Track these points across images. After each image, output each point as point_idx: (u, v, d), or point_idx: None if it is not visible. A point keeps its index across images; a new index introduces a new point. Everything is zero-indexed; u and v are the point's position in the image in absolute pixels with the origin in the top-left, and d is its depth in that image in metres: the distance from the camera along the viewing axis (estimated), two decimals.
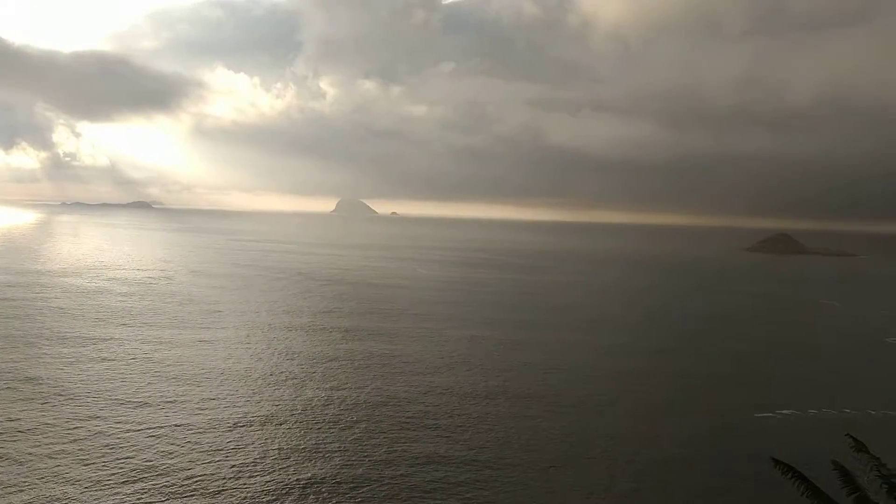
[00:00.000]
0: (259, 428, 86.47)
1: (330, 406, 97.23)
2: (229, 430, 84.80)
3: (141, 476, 69.82)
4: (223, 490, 68.01)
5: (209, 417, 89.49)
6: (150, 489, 67.23)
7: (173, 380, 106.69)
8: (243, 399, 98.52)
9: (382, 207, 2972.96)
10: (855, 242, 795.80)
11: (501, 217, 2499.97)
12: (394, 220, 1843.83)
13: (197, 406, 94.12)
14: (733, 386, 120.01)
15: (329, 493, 68.73)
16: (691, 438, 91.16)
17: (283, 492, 68.51)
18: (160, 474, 70.50)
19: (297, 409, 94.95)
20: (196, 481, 69.41)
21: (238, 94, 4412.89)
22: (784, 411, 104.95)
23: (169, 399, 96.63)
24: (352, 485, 70.91)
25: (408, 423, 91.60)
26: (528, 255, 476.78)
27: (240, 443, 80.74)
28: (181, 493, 66.73)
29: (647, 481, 76.54)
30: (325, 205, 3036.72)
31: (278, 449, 79.65)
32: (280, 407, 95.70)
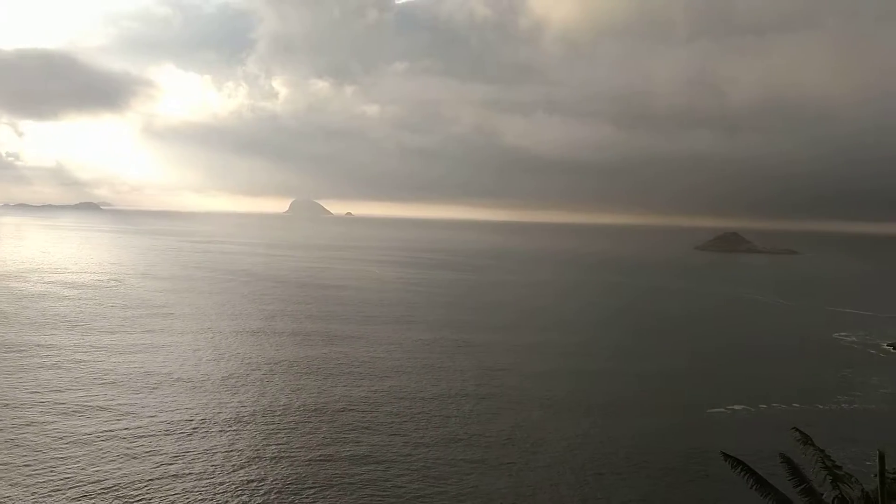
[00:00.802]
0: (210, 433, 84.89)
1: (282, 410, 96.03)
2: (183, 436, 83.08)
3: (89, 484, 67.97)
4: (172, 495, 66.60)
5: (160, 424, 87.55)
6: (98, 497, 65.49)
7: (122, 386, 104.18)
8: (195, 405, 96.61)
9: (337, 208, 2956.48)
10: (800, 240, 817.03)
11: (458, 217, 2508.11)
12: (349, 220, 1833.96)
13: (148, 413, 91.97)
14: (685, 383, 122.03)
15: (276, 494, 67.88)
16: (644, 436, 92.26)
17: (231, 493, 67.38)
18: (108, 484, 68.71)
19: (249, 414, 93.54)
20: (146, 487, 67.85)
21: (188, 93, 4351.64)
22: (734, 407, 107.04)
23: (118, 406, 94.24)
24: (300, 485, 70.16)
25: (359, 427, 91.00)
26: (484, 255, 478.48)
27: (192, 448, 79.12)
28: (131, 500, 65.17)
29: (599, 478, 77.22)
30: (279, 205, 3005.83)
31: (227, 452, 78.17)
32: (231, 412, 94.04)
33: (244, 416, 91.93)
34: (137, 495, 66.43)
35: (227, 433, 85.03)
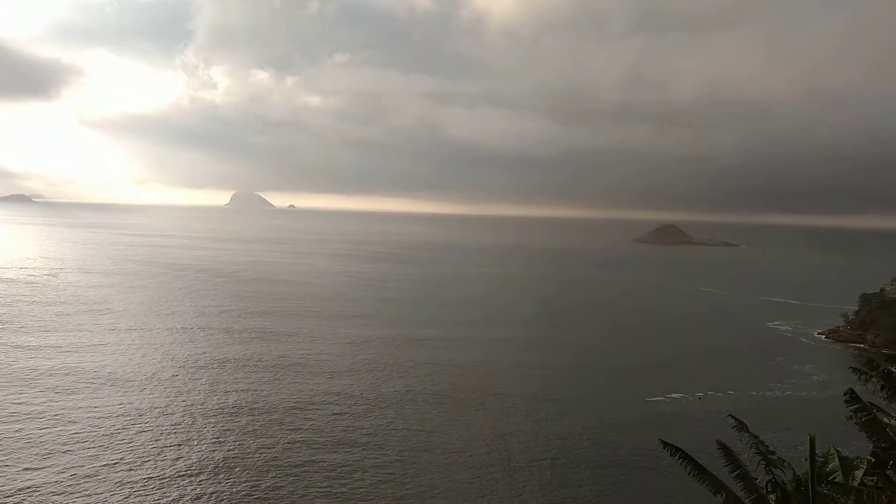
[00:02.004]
0: (147, 429, 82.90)
1: (225, 408, 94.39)
2: (109, 436, 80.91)
3: (26, 486, 65.58)
4: (115, 494, 64.74)
5: (99, 426, 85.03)
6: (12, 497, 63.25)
7: (58, 388, 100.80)
8: (125, 403, 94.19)
9: (280, 200, 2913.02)
10: (738, 233, 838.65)
11: (401, 210, 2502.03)
12: (291, 213, 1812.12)
13: (87, 415, 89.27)
14: (625, 372, 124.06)
15: (212, 486, 66.69)
16: (585, 427, 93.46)
17: (165, 484, 65.92)
18: (46, 487, 66.42)
19: (191, 412, 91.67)
20: (88, 490, 65.80)
21: (124, 83, 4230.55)
22: (673, 395, 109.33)
23: (53, 408, 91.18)
24: (233, 480, 69.09)
25: (294, 424, 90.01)
26: (426, 248, 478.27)
27: (131, 446, 77.16)
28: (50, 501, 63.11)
29: (535, 469, 77.95)
30: (220, 198, 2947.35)
31: (165, 446, 76.56)
32: (173, 408, 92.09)
33: (175, 412, 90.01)
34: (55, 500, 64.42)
35: (156, 430, 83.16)
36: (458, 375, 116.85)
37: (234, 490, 67.68)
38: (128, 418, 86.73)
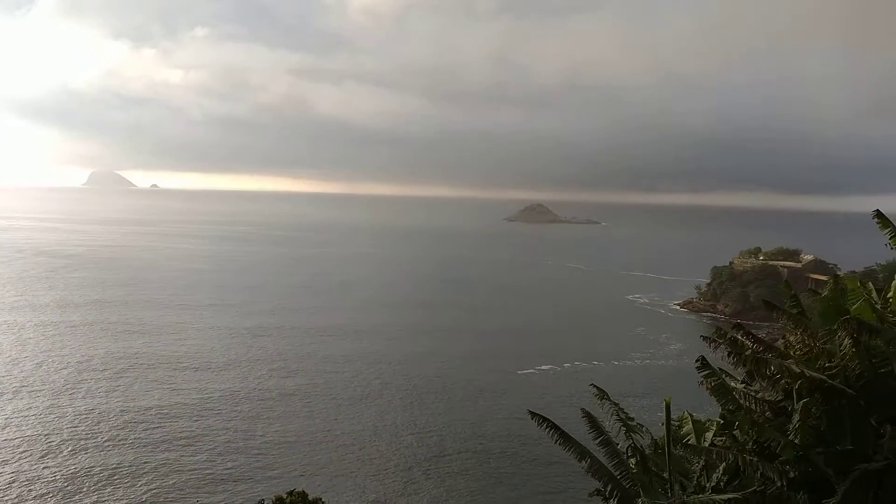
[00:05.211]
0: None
1: (86, 414, 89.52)
2: None
3: None
4: None
5: None
6: None
7: None
8: None
9: (142, 180, 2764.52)
10: (602, 211, 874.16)
11: (271, 189, 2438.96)
12: (154, 193, 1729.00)
13: None
14: (497, 348, 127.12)
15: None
16: (457, 402, 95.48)
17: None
18: None
19: (48, 414, 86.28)
20: None
21: None
22: (543, 367, 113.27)
23: None
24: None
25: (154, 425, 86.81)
26: (297, 228, 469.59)
27: None
28: None
29: (406, 448, 78.95)
30: (76, 178, 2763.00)
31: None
32: (25, 406, 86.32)
33: (51, 416, 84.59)
34: None
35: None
36: (328, 369, 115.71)
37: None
38: None
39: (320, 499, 34.58)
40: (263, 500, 34.44)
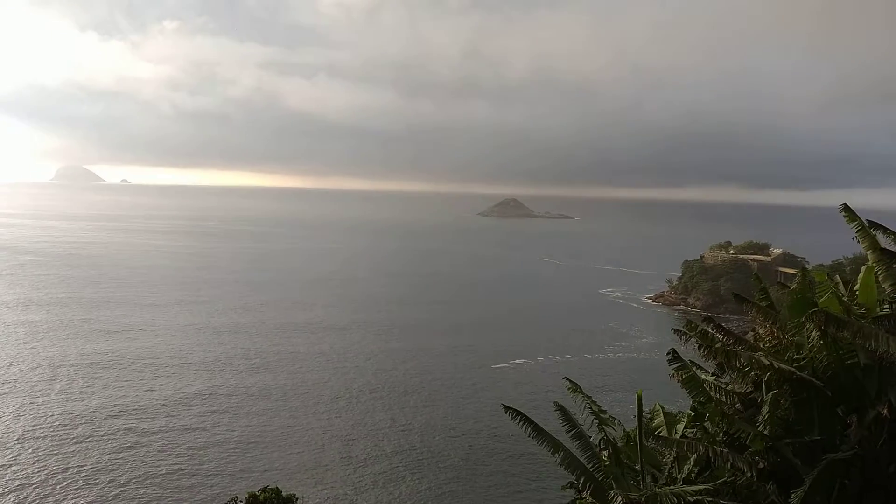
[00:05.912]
0: None
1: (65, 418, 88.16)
2: None
3: None
4: None
5: None
6: None
7: None
8: None
9: (111, 175, 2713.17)
10: (574, 206, 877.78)
11: (241, 184, 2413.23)
12: (124, 188, 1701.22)
13: None
14: (472, 343, 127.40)
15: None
16: (430, 397, 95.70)
17: None
18: None
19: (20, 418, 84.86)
20: None
21: None
22: (516, 361, 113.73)
23: None
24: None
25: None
26: (270, 223, 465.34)
27: None
28: None
29: (379, 443, 78.93)
30: (44, 173, 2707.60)
31: None
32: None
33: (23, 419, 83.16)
34: None
35: None
36: (295, 364, 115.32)
37: None
38: None
39: (294, 495, 34.62)
40: (237, 497, 34.25)
